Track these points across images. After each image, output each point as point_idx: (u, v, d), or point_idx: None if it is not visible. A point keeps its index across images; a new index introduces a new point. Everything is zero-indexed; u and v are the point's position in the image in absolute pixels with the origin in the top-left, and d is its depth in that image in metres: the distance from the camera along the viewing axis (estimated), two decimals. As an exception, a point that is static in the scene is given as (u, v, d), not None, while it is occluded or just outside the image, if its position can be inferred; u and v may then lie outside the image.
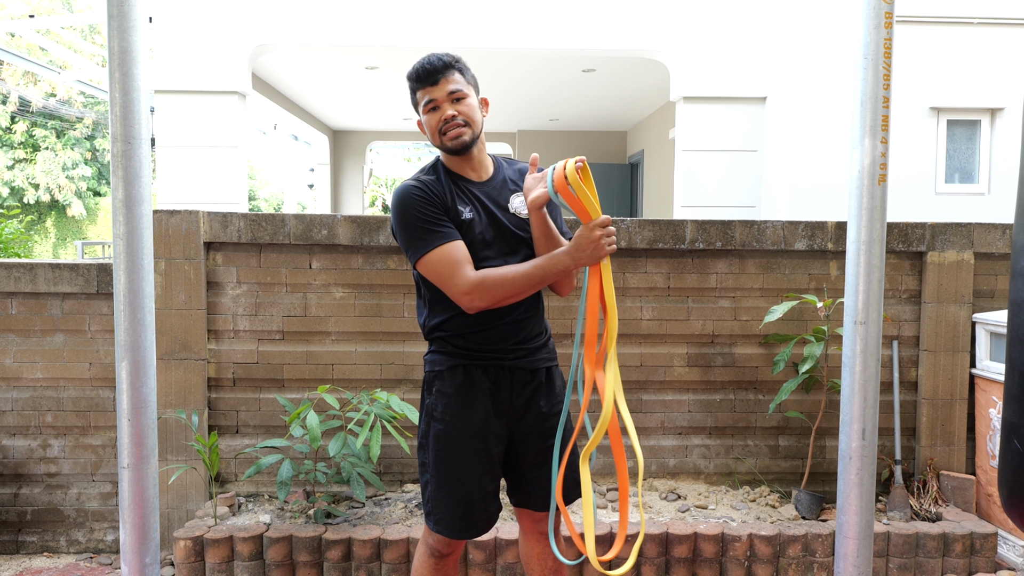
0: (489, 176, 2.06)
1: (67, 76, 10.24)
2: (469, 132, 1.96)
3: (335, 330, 3.35)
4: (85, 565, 3.22)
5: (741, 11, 6.68)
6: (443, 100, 1.95)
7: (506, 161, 2.14)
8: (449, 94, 1.95)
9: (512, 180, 2.07)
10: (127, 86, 1.48)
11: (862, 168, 1.65)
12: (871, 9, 1.63)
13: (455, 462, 2.00)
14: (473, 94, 2.01)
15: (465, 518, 2.00)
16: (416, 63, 1.98)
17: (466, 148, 1.98)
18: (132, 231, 1.50)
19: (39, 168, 20.80)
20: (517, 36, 6.67)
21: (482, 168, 2.05)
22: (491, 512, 2.05)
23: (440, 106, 1.96)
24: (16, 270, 3.27)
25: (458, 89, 1.96)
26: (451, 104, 1.96)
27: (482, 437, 2.00)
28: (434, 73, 1.95)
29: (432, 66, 1.95)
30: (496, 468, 2.04)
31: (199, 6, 6.61)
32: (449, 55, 1.98)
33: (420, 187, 1.96)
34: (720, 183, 6.80)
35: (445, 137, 1.96)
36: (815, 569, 2.93)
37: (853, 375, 1.69)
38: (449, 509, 2.00)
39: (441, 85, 1.95)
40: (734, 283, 3.44)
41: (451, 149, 1.98)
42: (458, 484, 2.00)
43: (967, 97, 6.53)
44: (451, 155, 2.02)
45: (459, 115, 1.95)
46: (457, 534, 2.01)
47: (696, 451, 3.48)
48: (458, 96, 1.96)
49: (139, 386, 1.52)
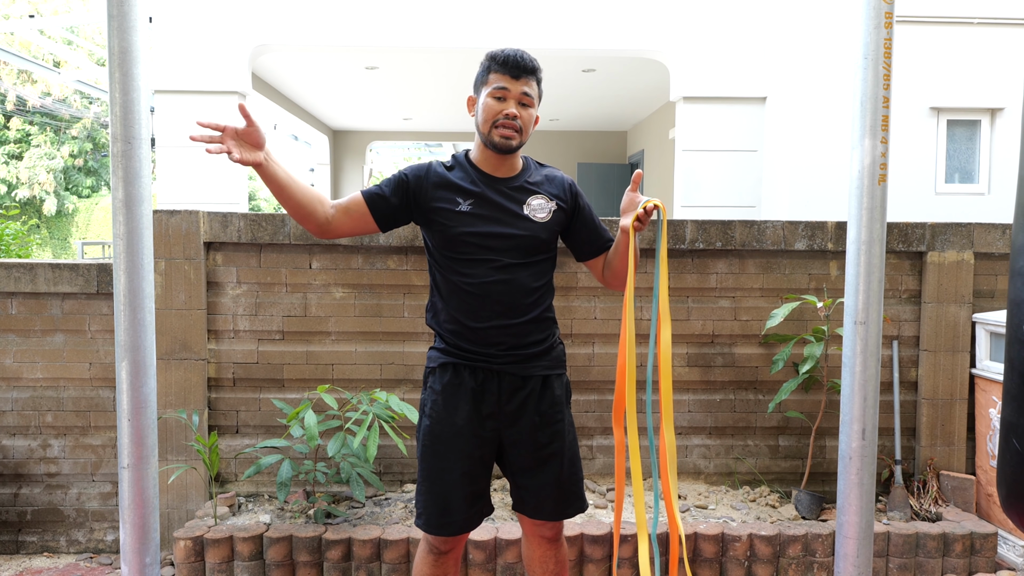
0: (513, 175, 2.07)
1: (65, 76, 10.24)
2: (519, 139, 1.99)
3: (335, 330, 3.35)
4: (85, 565, 3.22)
5: (741, 11, 6.68)
6: (514, 96, 1.97)
7: (537, 164, 2.15)
8: (522, 94, 1.98)
9: (534, 183, 2.07)
10: (127, 86, 1.48)
11: (862, 168, 1.65)
12: (871, 9, 1.63)
13: (437, 459, 2.01)
14: (536, 106, 2.04)
15: (443, 515, 2.01)
16: (507, 48, 1.99)
17: (509, 151, 2.00)
18: (132, 231, 1.50)
19: (24, 164, 20.81)
20: (517, 36, 6.67)
21: (509, 168, 2.07)
22: (471, 512, 2.04)
23: (508, 100, 1.97)
24: (16, 270, 3.27)
25: (530, 96, 1.99)
26: (518, 105, 1.98)
27: (465, 437, 1.99)
28: (521, 68, 1.97)
29: (523, 61, 1.97)
30: (480, 470, 2.03)
31: (199, 6, 6.61)
32: (537, 61, 2.01)
33: (427, 165, 2.06)
34: (720, 183, 6.80)
35: (496, 131, 1.97)
36: (815, 569, 2.93)
37: (853, 375, 1.69)
38: (428, 504, 2.02)
39: (520, 83, 1.97)
40: (734, 283, 3.44)
41: (496, 145, 1.99)
42: (438, 481, 2.01)
43: (967, 97, 6.53)
44: (488, 149, 2.03)
45: (520, 119, 1.97)
46: (435, 530, 2.02)
47: (696, 451, 3.48)
48: (527, 102, 1.99)
49: (139, 386, 1.52)
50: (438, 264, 2.04)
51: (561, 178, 2.13)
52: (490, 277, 1.96)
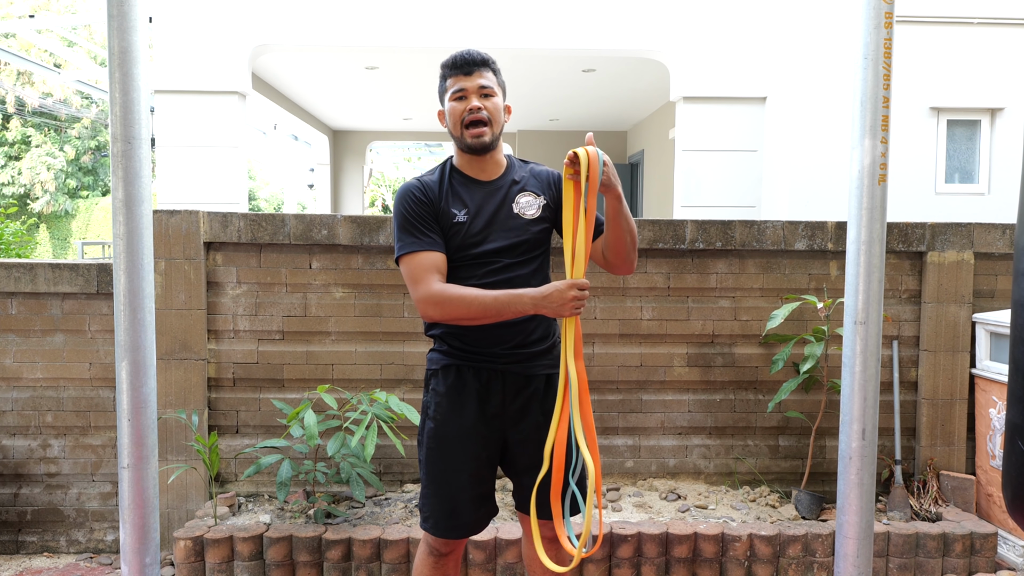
0: (498, 176, 2.06)
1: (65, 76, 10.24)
2: (490, 132, 1.98)
3: (335, 330, 3.35)
4: (85, 565, 3.22)
5: (741, 11, 6.68)
6: (472, 92, 1.97)
7: (522, 162, 2.14)
8: (479, 87, 1.98)
9: (520, 181, 2.07)
10: (127, 86, 1.48)
11: (862, 168, 1.65)
12: (871, 9, 1.63)
13: (443, 461, 2.01)
14: (501, 96, 2.03)
15: (451, 517, 2.01)
16: (454, 53, 2.00)
17: (485, 149, 2.00)
18: (132, 231, 1.50)
19: (25, 165, 20.82)
20: (517, 36, 6.67)
21: (493, 169, 2.06)
22: (479, 514, 2.04)
23: (468, 97, 1.98)
24: (16, 270, 3.27)
25: (489, 86, 1.99)
26: (479, 97, 1.98)
27: (471, 439, 1.99)
28: (470, 64, 1.97)
29: (470, 57, 1.98)
30: (486, 471, 2.03)
31: (199, 6, 6.61)
32: (486, 53, 2.01)
33: (417, 188, 2.00)
34: (720, 183, 6.80)
35: (467, 132, 1.97)
36: (815, 569, 2.93)
37: (853, 375, 1.69)
38: (436, 508, 2.02)
39: (474, 77, 1.98)
40: (734, 283, 3.44)
41: (471, 146, 1.99)
42: (445, 484, 2.01)
43: (967, 97, 6.53)
44: (466, 153, 2.02)
45: (484, 109, 1.97)
46: (443, 533, 2.02)
47: (696, 451, 3.48)
48: (487, 93, 1.99)
49: (139, 386, 1.52)
50: None
51: (546, 173, 2.13)
52: (490, 279, 1.97)
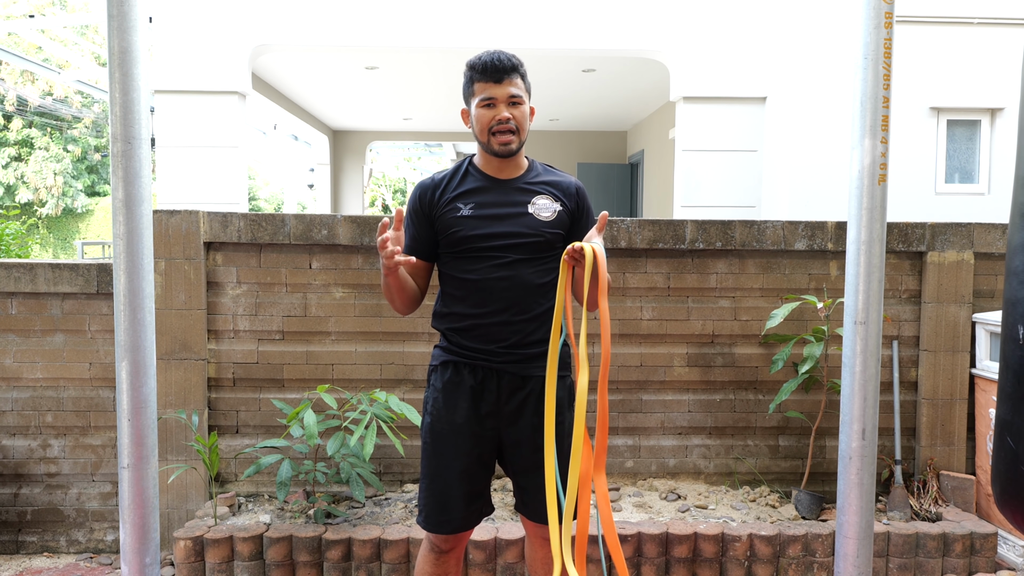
0: (516, 176, 2.07)
1: (66, 76, 10.24)
2: (517, 140, 2.00)
3: (335, 330, 3.35)
4: (85, 565, 3.22)
5: (741, 11, 6.68)
6: (501, 100, 1.97)
7: (547, 167, 2.15)
8: (509, 96, 1.97)
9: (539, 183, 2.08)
10: (127, 86, 1.48)
11: (862, 168, 1.65)
12: (871, 9, 1.63)
13: (437, 456, 2.03)
14: (527, 101, 2.03)
15: (441, 512, 2.02)
16: (483, 54, 1.99)
17: (510, 155, 2.01)
18: (132, 231, 1.50)
19: (31, 168, 20.82)
20: (517, 36, 6.67)
21: (512, 169, 2.07)
22: (469, 512, 2.04)
23: (496, 105, 1.98)
24: (16, 270, 3.27)
25: (518, 94, 1.99)
26: (508, 107, 1.97)
27: (463, 435, 2.00)
28: (501, 72, 1.96)
29: (501, 64, 1.96)
30: (478, 469, 2.04)
31: (199, 6, 6.60)
32: (517, 58, 2.00)
33: (419, 188, 2.07)
34: (720, 183, 6.80)
35: (495, 139, 1.98)
36: (815, 569, 2.93)
37: (853, 375, 1.69)
38: (428, 502, 2.03)
39: (504, 85, 1.97)
40: (734, 283, 3.44)
41: (496, 153, 2.00)
42: (437, 478, 2.02)
43: (967, 97, 6.53)
44: (491, 156, 2.04)
45: (513, 119, 1.97)
46: (434, 528, 2.03)
47: (696, 451, 3.48)
48: (516, 101, 1.99)
49: (139, 386, 1.53)
50: (444, 263, 2.07)
51: (569, 182, 2.13)
52: (494, 274, 1.98)
